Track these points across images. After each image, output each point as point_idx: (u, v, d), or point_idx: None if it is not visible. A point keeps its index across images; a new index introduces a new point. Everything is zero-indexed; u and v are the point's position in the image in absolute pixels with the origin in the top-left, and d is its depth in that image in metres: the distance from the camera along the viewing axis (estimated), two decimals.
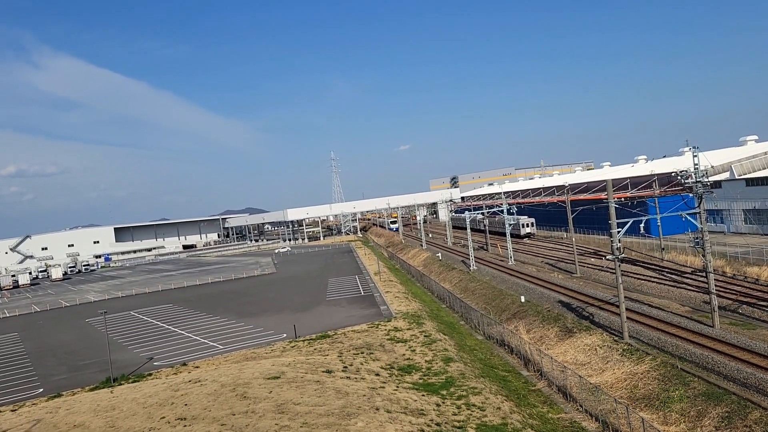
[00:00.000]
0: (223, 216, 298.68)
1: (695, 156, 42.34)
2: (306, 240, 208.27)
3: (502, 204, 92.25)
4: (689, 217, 44.65)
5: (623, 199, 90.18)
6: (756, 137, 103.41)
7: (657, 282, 58.02)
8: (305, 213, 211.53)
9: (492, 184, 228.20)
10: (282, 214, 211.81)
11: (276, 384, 35.93)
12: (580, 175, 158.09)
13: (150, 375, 45.18)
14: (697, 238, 42.92)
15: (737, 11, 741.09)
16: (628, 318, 42.84)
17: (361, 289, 78.08)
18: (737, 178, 80.00)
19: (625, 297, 43.50)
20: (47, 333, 72.79)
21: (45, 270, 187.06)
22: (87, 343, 62.08)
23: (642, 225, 46.60)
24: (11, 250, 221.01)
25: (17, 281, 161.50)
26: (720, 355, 35.23)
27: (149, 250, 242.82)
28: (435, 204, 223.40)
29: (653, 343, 40.50)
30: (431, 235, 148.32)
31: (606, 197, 44.17)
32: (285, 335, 53.74)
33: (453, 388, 35.41)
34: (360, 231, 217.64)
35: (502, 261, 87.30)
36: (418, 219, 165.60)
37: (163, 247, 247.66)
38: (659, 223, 68.17)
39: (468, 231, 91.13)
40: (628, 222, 44.61)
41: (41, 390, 45.13)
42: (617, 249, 42.23)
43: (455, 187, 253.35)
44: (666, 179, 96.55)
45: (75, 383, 45.65)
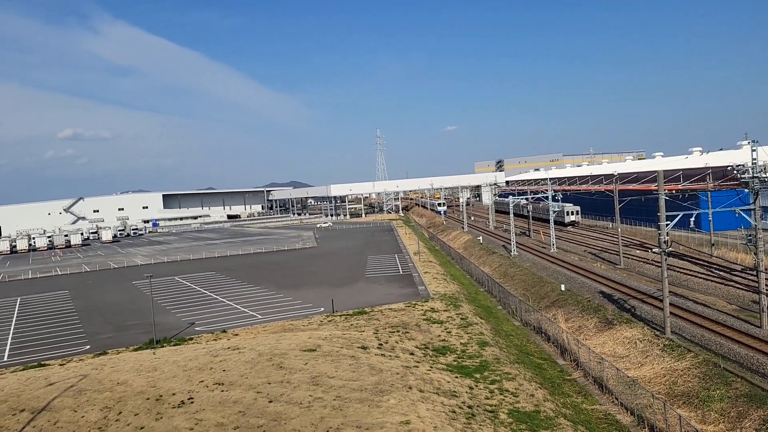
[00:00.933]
0: (268, 188, 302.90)
1: (754, 150, 40.77)
2: (348, 216, 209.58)
3: (547, 190, 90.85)
4: (743, 213, 43.17)
5: (674, 192, 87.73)
6: None
7: (704, 278, 56.49)
8: (348, 189, 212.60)
9: (538, 169, 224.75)
10: (325, 189, 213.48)
11: (312, 356, 36.48)
12: (630, 165, 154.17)
13: (191, 339, 46.43)
14: (750, 235, 41.50)
15: None
16: (671, 313, 41.90)
17: (400, 268, 78.31)
18: None
19: (670, 291, 42.51)
20: (96, 293, 75.41)
21: (96, 232, 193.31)
22: (132, 305, 64.09)
23: (692, 219, 45.29)
24: (65, 210, 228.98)
25: (69, 241, 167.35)
26: (766, 357, 34.19)
27: (195, 218, 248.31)
28: (479, 187, 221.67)
29: (696, 340, 39.55)
30: (473, 218, 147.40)
31: (656, 188, 43.02)
32: (323, 309, 54.41)
33: (487, 372, 35.36)
34: (402, 210, 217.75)
35: (544, 248, 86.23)
36: (461, 201, 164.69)
37: (209, 216, 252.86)
38: (710, 218, 66.15)
39: (511, 216, 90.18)
40: (678, 215, 43.39)
41: (88, 347, 46.89)
42: (665, 242, 41.19)
43: (500, 171, 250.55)
44: (721, 173, 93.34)
45: (120, 342, 47.28)
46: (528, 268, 72.60)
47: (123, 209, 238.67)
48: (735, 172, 42.62)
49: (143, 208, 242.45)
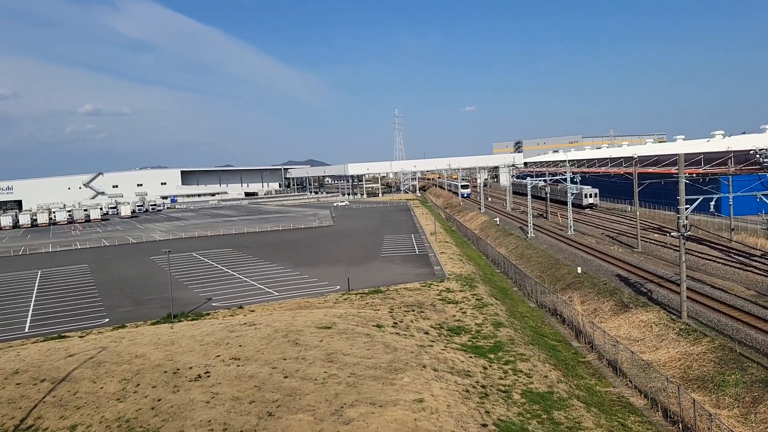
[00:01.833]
0: (285, 166, 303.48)
1: None
2: (364, 195, 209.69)
3: (565, 172, 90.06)
4: (764, 198, 42.54)
5: (695, 175, 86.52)
6: None
7: (722, 263, 55.91)
8: (366, 168, 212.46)
9: (557, 151, 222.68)
10: (343, 168, 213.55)
11: (327, 334, 36.79)
12: (650, 147, 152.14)
13: (208, 314, 47.01)
14: None
15: None
16: (688, 297, 41.60)
17: (416, 248, 78.38)
18: None
19: (687, 276, 42.16)
20: (115, 267, 76.46)
21: (115, 207, 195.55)
22: (150, 280, 64.93)
23: (713, 203, 44.77)
24: (84, 185, 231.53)
25: (89, 216, 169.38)
26: None
27: (213, 194, 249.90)
28: (497, 168, 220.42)
29: (712, 325, 39.29)
30: (490, 199, 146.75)
31: (677, 172, 42.49)
32: (338, 287, 54.73)
33: (501, 352, 35.45)
34: (419, 190, 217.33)
35: (561, 230, 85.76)
36: (478, 182, 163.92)
37: (226, 193, 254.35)
38: (731, 203, 65.19)
39: (528, 197, 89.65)
40: (698, 199, 42.90)
41: (107, 320, 47.68)
42: (684, 226, 40.77)
43: (519, 152, 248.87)
44: (743, 157, 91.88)
45: (138, 316, 48.00)
46: (545, 250, 72.31)
47: (142, 185, 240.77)
48: (757, 156, 41.94)
49: (161, 184, 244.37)
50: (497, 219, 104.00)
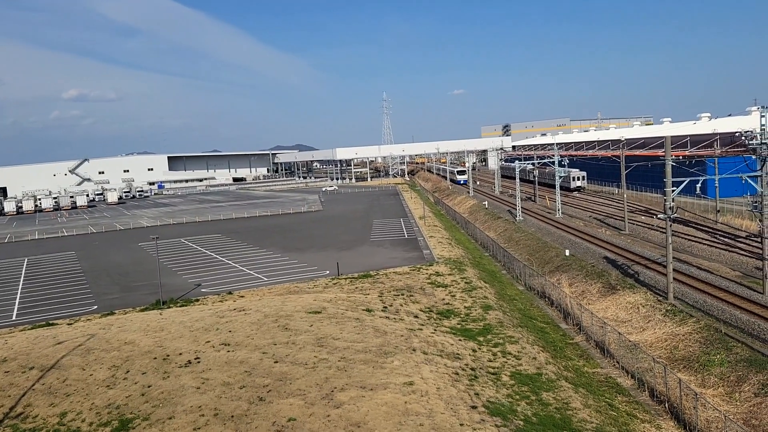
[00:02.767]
0: (273, 151, 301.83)
1: (763, 116, 40.25)
2: (353, 180, 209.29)
3: (553, 155, 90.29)
4: (749, 180, 42.89)
5: (681, 158, 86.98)
6: None
7: (708, 244, 56.49)
8: (354, 153, 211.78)
9: (545, 134, 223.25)
10: (331, 152, 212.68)
11: (317, 318, 36.87)
12: (637, 130, 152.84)
13: (197, 300, 46.93)
14: (756, 201, 41.32)
15: None
16: (674, 279, 42.02)
17: (405, 232, 78.51)
18: None
19: (674, 258, 42.56)
20: (102, 254, 76.02)
21: (101, 193, 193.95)
22: (139, 266, 64.65)
23: (699, 185, 45.05)
24: (70, 172, 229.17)
25: (75, 202, 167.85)
26: (767, 323, 34.40)
27: (200, 180, 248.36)
28: (485, 151, 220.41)
29: (698, 306, 39.77)
30: (479, 183, 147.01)
31: (663, 154, 42.72)
32: (328, 272, 54.77)
33: (490, 335, 35.71)
34: (407, 174, 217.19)
35: (549, 213, 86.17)
36: (467, 166, 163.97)
37: (214, 179, 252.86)
38: (717, 184, 65.73)
39: (517, 181, 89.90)
40: (684, 181, 43.14)
41: (95, 307, 47.49)
42: (670, 208, 41.08)
43: (507, 136, 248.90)
44: (729, 139, 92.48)
45: (126, 303, 47.84)
46: (533, 233, 72.67)
47: (128, 171, 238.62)
48: (743, 138, 42.19)
49: (148, 170, 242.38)
50: (486, 202, 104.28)
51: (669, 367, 30.14)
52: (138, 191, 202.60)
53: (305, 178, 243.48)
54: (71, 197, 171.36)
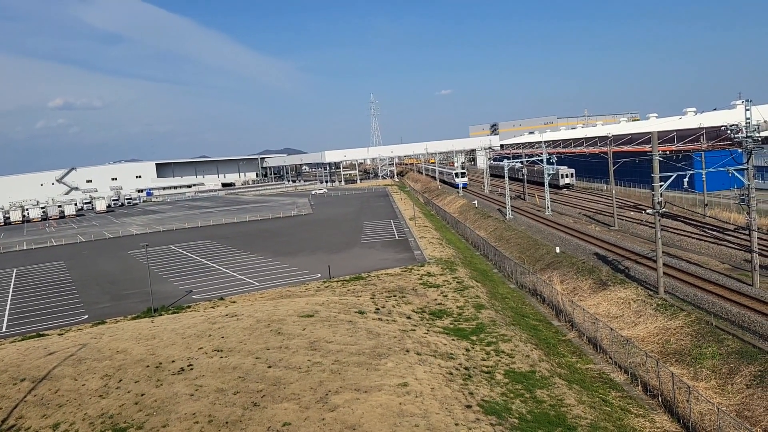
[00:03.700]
0: (262, 155, 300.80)
1: (747, 110, 40.64)
2: (342, 182, 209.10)
3: (541, 153, 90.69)
4: (736, 173, 43.28)
5: (668, 153, 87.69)
6: None
7: (697, 238, 56.90)
8: (343, 155, 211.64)
9: (533, 132, 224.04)
10: (320, 155, 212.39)
11: (309, 322, 36.80)
12: (624, 126, 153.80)
13: (189, 307, 46.70)
14: (743, 194, 41.67)
15: None
16: (664, 273, 42.28)
17: (396, 234, 78.53)
18: None
19: (663, 252, 42.82)
20: (92, 263, 75.50)
21: (90, 202, 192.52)
22: (129, 274, 64.27)
23: (686, 179, 45.49)
24: (57, 181, 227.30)
25: (63, 212, 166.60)
26: (757, 314, 34.66)
27: (189, 186, 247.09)
28: (473, 151, 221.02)
29: (689, 300, 40.03)
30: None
31: (650, 150, 42.99)
32: (319, 275, 54.68)
33: (483, 334, 35.77)
34: (397, 176, 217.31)
35: (539, 211, 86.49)
36: (455, 165, 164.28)
37: (203, 185, 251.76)
38: (704, 178, 66.28)
39: (506, 179, 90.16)
40: (672, 176, 43.48)
41: (86, 316, 47.14)
42: (659, 203, 41.34)
43: (495, 135, 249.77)
44: (715, 133, 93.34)
45: (118, 311, 47.53)
46: (523, 231, 72.90)
47: (116, 179, 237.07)
48: (729, 132, 42.55)
49: (137, 177, 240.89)
50: (475, 202, 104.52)
51: (661, 361, 30.32)
52: (126, 199, 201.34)
53: (294, 181, 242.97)
54: (59, 207, 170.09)
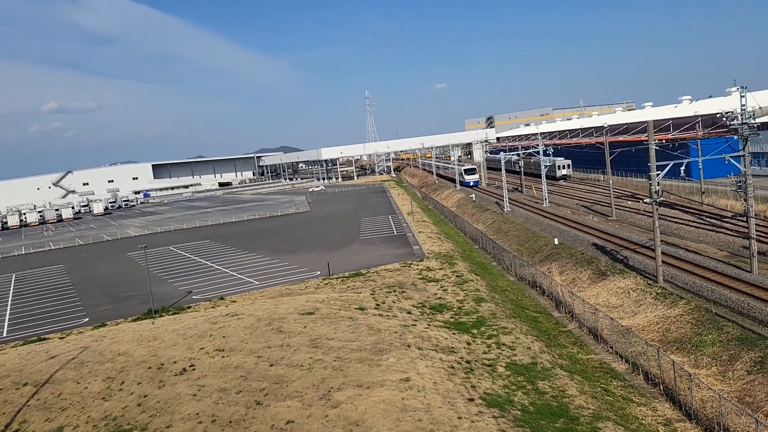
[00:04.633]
0: (258, 154, 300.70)
1: (743, 96, 40.67)
2: (340, 179, 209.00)
3: (538, 145, 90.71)
4: (732, 160, 43.33)
5: (664, 141, 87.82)
6: None
7: (695, 226, 57.01)
8: (339, 152, 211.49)
9: (529, 124, 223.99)
10: (316, 153, 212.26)
11: (310, 319, 36.84)
12: (620, 116, 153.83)
13: (189, 308, 46.71)
14: (740, 181, 41.75)
15: None
16: (663, 262, 42.38)
17: (394, 229, 78.56)
18: None
19: (662, 241, 42.92)
20: (91, 266, 75.44)
21: (87, 205, 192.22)
22: (129, 276, 64.23)
23: (683, 168, 45.46)
24: (54, 185, 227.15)
25: (61, 215, 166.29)
26: (756, 301, 34.80)
27: (186, 187, 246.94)
28: (470, 144, 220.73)
29: (688, 288, 40.14)
30: None
31: (646, 139, 43.03)
32: (319, 273, 54.70)
33: (484, 327, 35.84)
34: (393, 171, 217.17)
35: (536, 203, 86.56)
36: (452, 159, 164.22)
37: (200, 185, 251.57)
38: (700, 166, 66.35)
39: (503, 172, 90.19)
40: (668, 165, 43.53)
41: (87, 319, 47.13)
42: (656, 192, 41.40)
43: (491, 128, 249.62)
44: (710, 121, 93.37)
45: (118, 314, 47.52)
46: (521, 223, 72.97)
47: (113, 181, 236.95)
48: (724, 119, 42.58)
49: (133, 179, 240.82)
50: (473, 195, 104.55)
51: (662, 350, 30.41)
52: (124, 201, 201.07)
53: (291, 179, 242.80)
54: (56, 210, 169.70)
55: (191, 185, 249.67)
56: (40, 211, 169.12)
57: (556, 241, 58.25)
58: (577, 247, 55.44)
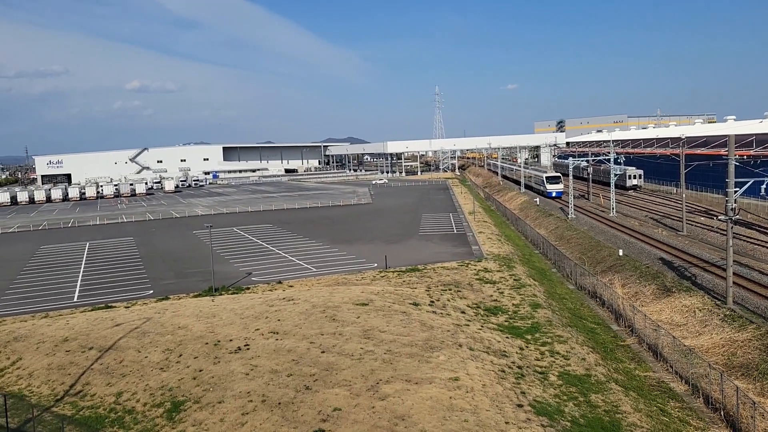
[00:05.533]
0: (325, 143, 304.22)
1: None
2: (403, 174, 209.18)
3: (608, 152, 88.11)
4: None
5: (745, 157, 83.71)
6: None
7: None
8: (405, 147, 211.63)
9: (601, 131, 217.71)
10: (382, 146, 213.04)
11: (364, 310, 37.09)
12: (699, 128, 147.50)
13: (248, 289, 47.85)
14: None
15: None
16: (734, 283, 40.49)
17: (454, 227, 78.08)
18: None
19: (734, 261, 41.02)
20: (159, 240, 78.28)
21: (159, 182, 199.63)
22: (193, 253, 66.31)
23: (764, 186, 43.30)
24: (130, 160, 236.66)
25: (134, 190, 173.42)
26: None
27: (254, 171, 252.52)
28: (537, 147, 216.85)
29: (759, 312, 38.22)
30: None
31: (726, 153, 41.16)
32: (376, 265, 54.98)
33: (538, 333, 35.22)
34: (458, 169, 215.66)
35: (603, 212, 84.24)
36: (519, 161, 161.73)
37: (267, 170, 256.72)
38: None
39: (570, 178, 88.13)
40: (748, 182, 41.55)
41: (151, 291, 48.99)
42: (732, 209, 39.57)
43: (561, 132, 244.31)
44: None
45: (181, 289, 49.16)
46: (585, 231, 71.19)
47: (185, 160, 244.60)
48: None
49: (204, 159, 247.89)
50: (537, 199, 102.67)
51: (726, 374, 29.09)
52: (194, 180, 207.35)
53: (356, 170, 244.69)
54: (131, 185, 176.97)
55: (258, 170, 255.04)
56: (116, 185, 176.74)
57: (620, 252, 56.54)
58: (643, 261, 53.65)
